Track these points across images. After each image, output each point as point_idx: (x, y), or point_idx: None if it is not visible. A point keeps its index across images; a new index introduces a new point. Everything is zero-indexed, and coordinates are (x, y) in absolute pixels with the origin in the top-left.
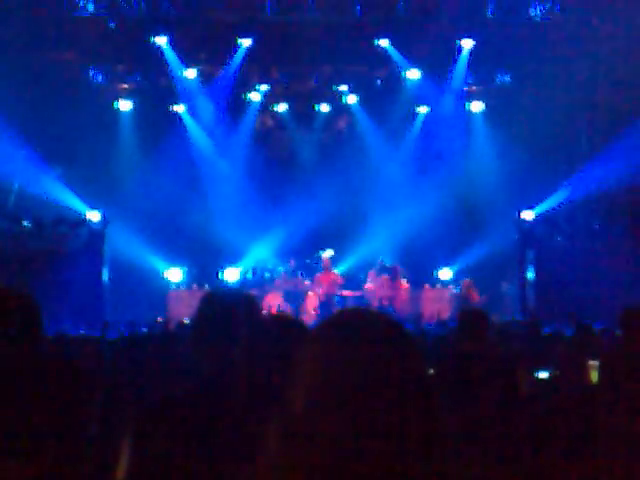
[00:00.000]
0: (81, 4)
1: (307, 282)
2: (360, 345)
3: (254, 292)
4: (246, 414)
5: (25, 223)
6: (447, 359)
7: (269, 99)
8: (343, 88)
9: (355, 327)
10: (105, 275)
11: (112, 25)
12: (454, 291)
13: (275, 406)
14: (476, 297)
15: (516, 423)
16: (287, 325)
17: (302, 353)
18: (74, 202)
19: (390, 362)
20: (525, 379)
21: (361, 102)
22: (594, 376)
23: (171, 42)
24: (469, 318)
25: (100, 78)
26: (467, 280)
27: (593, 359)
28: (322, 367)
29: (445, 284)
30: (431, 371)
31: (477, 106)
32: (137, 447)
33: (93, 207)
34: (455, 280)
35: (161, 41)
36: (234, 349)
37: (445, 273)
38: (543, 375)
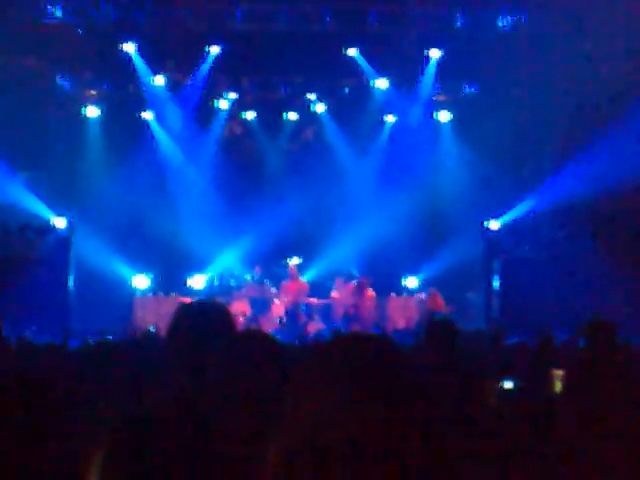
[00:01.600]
0: (49, 10)
1: (273, 290)
2: (364, 372)
3: (220, 299)
4: (225, 433)
5: None
6: (416, 370)
7: (237, 107)
8: (311, 97)
9: (358, 354)
10: (71, 282)
11: (80, 32)
12: (421, 298)
13: (261, 428)
14: (441, 305)
15: (483, 434)
16: (260, 342)
17: (301, 379)
18: (40, 208)
19: (395, 389)
20: (492, 389)
21: (329, 111)
22: (558, 386)
23: (140, 49)
24: (435, 328)
25: (68, 85)
26: (432, 289)
27: (557, 369)
28: (327, 393)
29: (411, 292)
30: None
31: (444, 116)
32: (109, 468)
33: (59, 214)
34: (421, 288)
35: (130, 48)
36: (209, 361)
37: (411, 281)
38: (508, 385)
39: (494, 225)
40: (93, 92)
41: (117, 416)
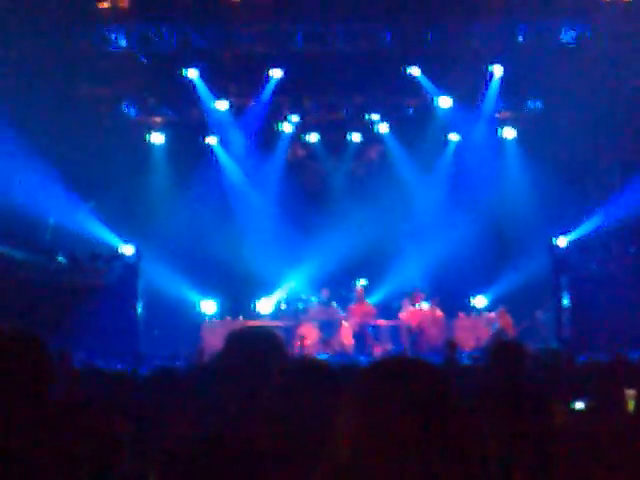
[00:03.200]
0: (113, 39)
1: (341, 312)
2: (405, 397)
3: (288, 323)
4: (276, 463)
5: (60, 258)
6: (481, 392)
7: (300, 129)
8: (374, 117)
9: (400, 379)
10: (139, 308)
11: (144, 59)
12: (490, 317)
13: (310, 457)
14: (510, 325)
15: (552, 456)
16: (317, 371)
17: (345, 402)
18: (108, 236)
19: (434, 415)
20: (560, 411)
21: (393, 131)
22: (631, 406)
23: (202, 75)
24: (502, 349)
25: (133, 112)
26: (502, 308)
27: (630, 388)
28: (368, 418)
29: (480, 312)
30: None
31: (509, 132)
32: None
33: (127, 241)
34: (490, 308)
35: (192, 74)
36: (259, 389)
37: (480, 301)
38: (579, 406)
39: (562, 242)
40: (157, 119)
41: (170, 439)
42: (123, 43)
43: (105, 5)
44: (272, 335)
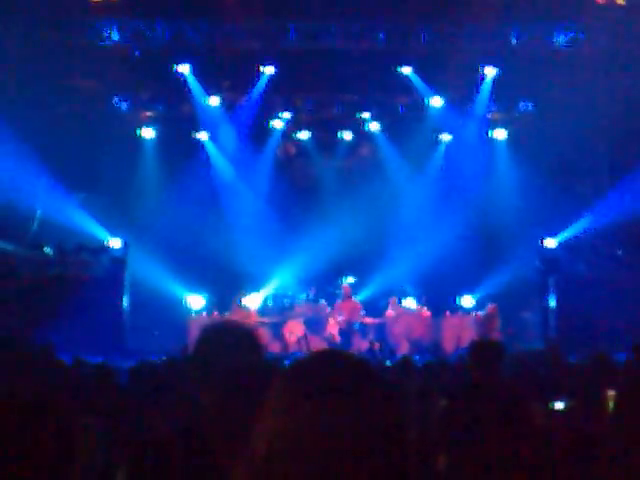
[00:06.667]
0: (106, 33)
1: (328, 309)
2: (328, 395)
3: (274, 319)
4: (222, 456)
5: (47, 250)
6: (458, 390)
7: (292, 127)
8: (366, 115)
9: (325, 375)
10: (126, 302)
11: (137, 53)
12: (479, 315)
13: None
14: (497, 323)
15: (528, 455)
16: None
17: (269, 397)
18: (96, 229)
19: (358, 414)
20: (540, 410)
21: (384, 130)
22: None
23: (194, 70)
24: (481, 348)
25: (124, 106)
26: (492, 305)
27: (612, 390)
28: (287, 413)
29: (467, 311)
30: (444, 402)
31: (500, 133)
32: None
33: (115, 234)
34: (477, 307)
35: (184, 69)
36: (228, 381)
37: (467, 300)
38: (558, 406)
39: (550, 243)
40: (148, 113)
41: (143, 432)
42: (116, 37)
43: None
44: (243, 328)
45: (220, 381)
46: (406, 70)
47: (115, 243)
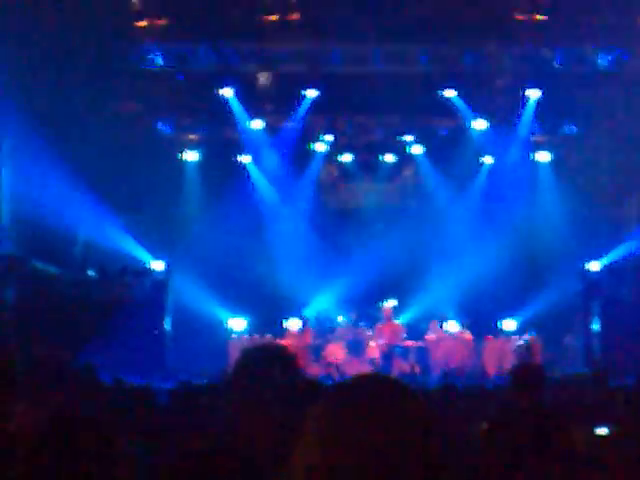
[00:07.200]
0: (150, 57)
1: (369, 332)
2: (370, 418)
3: (315, 342)
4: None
5: (90, 272)
6: (499, 415)
7: (334, 149)
8: (408, 138)
9: (367, 398)
10: (168, 324)
11: (180, 77)
12: (519, 342)
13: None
14: (538, 352)
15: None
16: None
17: (310, 420)
18: (139, 252)
19: (399, 437)
20: (582, 436)
21: (426, 152)
22: None
23: (237, 94)
24: (523, 373)
25: (168, 129)
26: (532, 336)
27: None
28: (329, 438)
29: (508, 335)
30: (485, 427)
31: (543, 156)
32: None
33: (157, 257)
34: (519, 331)
35: (228, 93)
36: (264, 403)
37: (509, 324)
38: (601, 431)
39: (594, 266)
40: (192, 136)
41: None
42: (160, 61)
43: (143, 24)
44: (279, 350)
45: (258, 403)
46: (449, 93)
47: (158, 266)
